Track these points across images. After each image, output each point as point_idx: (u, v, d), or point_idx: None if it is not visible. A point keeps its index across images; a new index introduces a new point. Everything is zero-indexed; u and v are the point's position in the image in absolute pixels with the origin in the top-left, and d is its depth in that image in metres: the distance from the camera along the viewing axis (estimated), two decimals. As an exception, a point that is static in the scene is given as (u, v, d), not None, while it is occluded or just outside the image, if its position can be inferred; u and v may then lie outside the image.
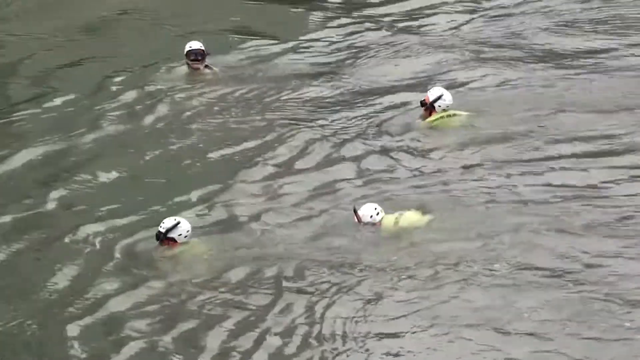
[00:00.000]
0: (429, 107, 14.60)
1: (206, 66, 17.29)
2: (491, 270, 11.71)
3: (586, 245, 12.01)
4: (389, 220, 12.80)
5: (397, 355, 10.51)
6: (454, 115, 14.90)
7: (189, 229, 12.38)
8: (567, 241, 12.14)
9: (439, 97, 14.50)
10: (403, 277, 11.78)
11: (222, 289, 11.72)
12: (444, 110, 14.53)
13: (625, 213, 12.82)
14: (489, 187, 13.48)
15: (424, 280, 11.70)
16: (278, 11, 22.17)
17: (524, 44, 20.23)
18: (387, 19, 21.86)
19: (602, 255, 11.91)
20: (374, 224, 12.74)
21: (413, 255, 12.27)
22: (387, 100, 16.35)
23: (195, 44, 17.04)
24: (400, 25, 21.30)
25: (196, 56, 16.92)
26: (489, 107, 15.98)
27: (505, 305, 10.91)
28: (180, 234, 12.25)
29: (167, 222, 12.33)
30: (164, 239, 12.32)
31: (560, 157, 14.33)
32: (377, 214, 12.72)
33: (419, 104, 14.88)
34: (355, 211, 12.91)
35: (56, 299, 11.75)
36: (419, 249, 12.40)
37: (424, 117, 14.90)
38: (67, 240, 13.03)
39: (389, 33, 20.78)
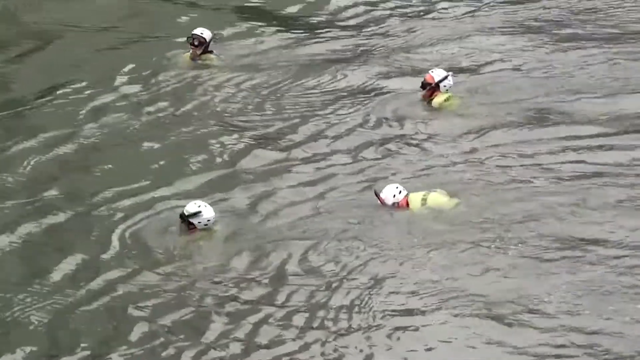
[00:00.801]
0: (432, 88, 14.64)
1: (210, 51, 17.36)
2: (511, 251, 11.74)
3: (611, 224, 11.97)
4: (416, 199, 12.87)
5: (407, 330, 10.52)
6: (452, 97, 15.18)
7: (211, 217, 12.51)
8: (584, 221, 12.16)
9: (445, 77, 14.62)
10: (419, 257, 11.82)
11: (232, 275, 11.68)
12: (447, 92, 14.77)
13: None
14: (506, 169, 13.48)
15: (441, 262, 11.69)
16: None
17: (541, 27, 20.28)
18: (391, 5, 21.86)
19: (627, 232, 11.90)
20: (397, 204, 12.91)
21: (429, 237, 12.28)
22: (395, 85, 16.20)
23: (197, 30, 17.22)
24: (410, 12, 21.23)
25: (193, 40, 17.08)
26: (491, 92, 16.01)
27: (524, 287, 10.91)
28: (199, 222, 12.41)
29: (190, 207, 12.57)
30: (186, 221, 12.71)
31: (571, 138, 14.31)
32: (400, 192, 12.78)
33: (421, 85, 14.89)
34: (377, 194, 13.03)
35: (65, 284, 11.65)
36: (435, 231, 12.44)
37: (425, 98, 14.93)
38: (76, 224, 13.14)
39: (398, 20, 20.61)
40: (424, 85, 14.84)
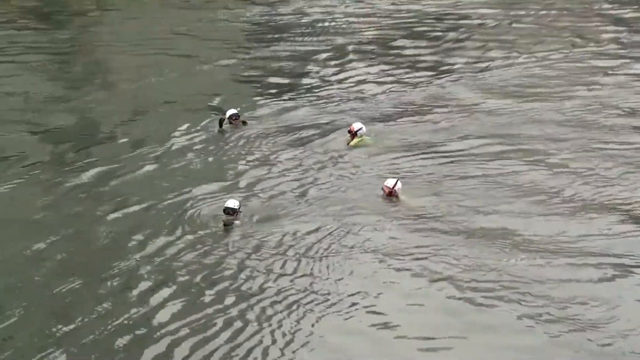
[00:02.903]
0: (354, 134, 18.05)
1: (243, 122, 19.63)
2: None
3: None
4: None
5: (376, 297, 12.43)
6: (365, 138, 18.23)
7: (237, 205, 14.55)
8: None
9: (360, 128, 18.09)
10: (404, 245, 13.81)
11: (254, 256, 13.73)
12: (361, 136, 18.07)
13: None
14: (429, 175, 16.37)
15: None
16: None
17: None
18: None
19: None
20: (396, 195, 15.03)
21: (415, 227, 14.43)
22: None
23: (231, 110, 19.36)
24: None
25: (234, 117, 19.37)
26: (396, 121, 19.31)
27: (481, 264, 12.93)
28: (236, 212, 14.55)
29: (231, 203, 14.68)
30: (230, 213, 14.49)
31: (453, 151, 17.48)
32: (397, 181, 15.02)
33: (348, 132, 18.19)
34: (384, 188, 15.08)
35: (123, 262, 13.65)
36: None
37: (349, 139, 18.19)
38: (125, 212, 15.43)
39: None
40: (349, 132, 18.21)
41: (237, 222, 14.44)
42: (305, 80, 23.87)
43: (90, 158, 18.15)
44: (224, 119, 19.42)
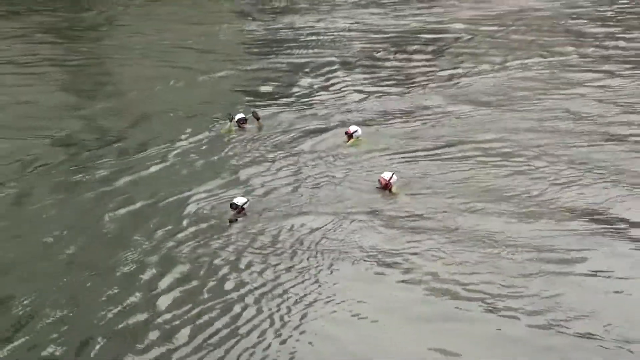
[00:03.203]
0: (350, 136, 18.37)
1: (257, 119, 19.59)
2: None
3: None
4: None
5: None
6: (360, 139, 18.45)
7: (243, 203, 14.49)
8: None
9: (356, 131, 18.43)
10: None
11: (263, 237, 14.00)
12: (357, 138, 18.38)
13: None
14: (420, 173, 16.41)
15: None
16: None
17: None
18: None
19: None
20: (390, 187, 15.24)
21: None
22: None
23: (239, 115, 19.30)
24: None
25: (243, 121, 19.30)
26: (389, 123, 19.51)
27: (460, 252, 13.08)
28: (243, 208, 14.53)
29: (238, 200, 14.63)
30: (236, 209, 14.47)
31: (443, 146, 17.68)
32: (393, 174, 15.29)
33: (345, 134, 18.49)
34: (381, 179, 15.25)
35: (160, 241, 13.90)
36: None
37: (346, 140, 18.47)
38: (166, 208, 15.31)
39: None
40: (346, 134, 18.48)
41: (240, 218, 14.43)
42: (301, 89, 23.95)
43: (100, 160, 18.24)
44: (232, 118, 19.50)
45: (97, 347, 11.01)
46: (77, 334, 11.38)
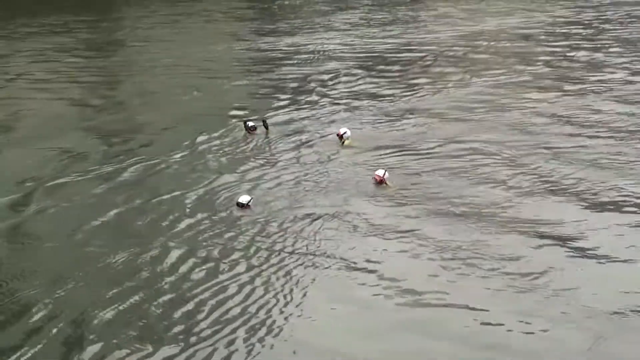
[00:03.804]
0: (340, 137, 18.14)
1: (266, 127, 19.23)
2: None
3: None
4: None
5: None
6: (350, 140, 18.23)
7: (248, 200, 14.37)
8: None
9: (345, 132, 18.21)
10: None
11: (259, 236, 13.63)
12: (347, 139, 18.14)
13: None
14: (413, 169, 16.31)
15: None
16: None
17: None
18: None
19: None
20: (384, 182, 15.07)
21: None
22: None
23: (249, 122, 18.83)
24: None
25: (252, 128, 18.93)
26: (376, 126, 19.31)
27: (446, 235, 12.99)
28: (248, 205, 14.43)
29: (242, 199, 14.50)
30: (242, 207, 14.35)
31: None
32: (385, 172, 15.18)
33: (337, 135, 18.26)
34: (375, 177, 15.09)
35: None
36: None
37: (339, 142, 18.26)
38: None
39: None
40: (338, 135, 18.25)
41: (247, 213, 14.43)
42: (304, 96, 23.61)
43: (133, 157, 18.17)
44: (248, 124, 19.38)
45: (100, 332, 10.91)
46: (114, 309, 11.40)
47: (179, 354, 10.20)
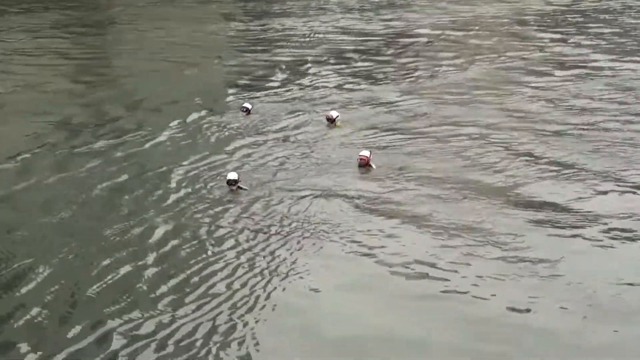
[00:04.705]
0: (332, 120, 18.31)
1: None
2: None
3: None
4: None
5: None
6: (340, 123, 18.40)
7: (241, 181, 14.32)
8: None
9: (338, 116, 18.40)
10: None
11: (256, 211, 13.74)
12: (338, 121, 18.31)
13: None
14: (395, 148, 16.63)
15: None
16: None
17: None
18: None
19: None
20: (370, 163, 15.19)
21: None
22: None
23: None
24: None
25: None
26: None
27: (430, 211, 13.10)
28: (237, 183, 14.33)
29: (231, 175, 14.46)
30: (232, 184, 14.25)
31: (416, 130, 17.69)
32: (370, 153, 15.27)
33: (326, 119, 18.32)
34: (362, 157, 15.15)
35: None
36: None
37: (328, 124, 18.42)
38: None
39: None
40: (328, 118, 18.36)
41: (239, 189, 14.40)
42: (296, 78, 23.74)
43: (124, 134, 18.39)
44: (244, 105, 19.51)
45: (89, 307, 10.92)
46: (100, 280, 11.45)
47: (168, 325, 10.32)
